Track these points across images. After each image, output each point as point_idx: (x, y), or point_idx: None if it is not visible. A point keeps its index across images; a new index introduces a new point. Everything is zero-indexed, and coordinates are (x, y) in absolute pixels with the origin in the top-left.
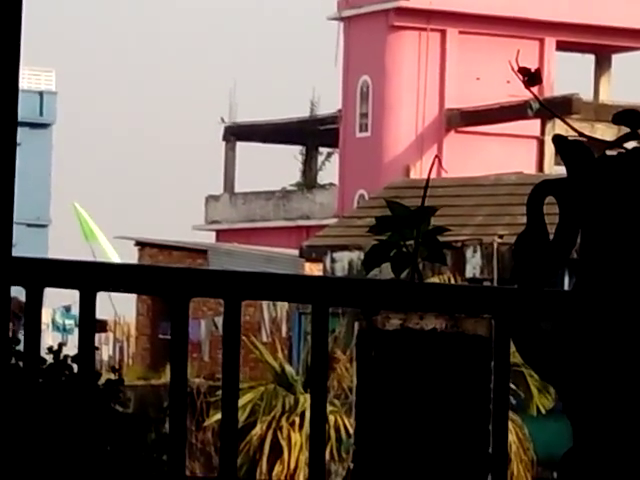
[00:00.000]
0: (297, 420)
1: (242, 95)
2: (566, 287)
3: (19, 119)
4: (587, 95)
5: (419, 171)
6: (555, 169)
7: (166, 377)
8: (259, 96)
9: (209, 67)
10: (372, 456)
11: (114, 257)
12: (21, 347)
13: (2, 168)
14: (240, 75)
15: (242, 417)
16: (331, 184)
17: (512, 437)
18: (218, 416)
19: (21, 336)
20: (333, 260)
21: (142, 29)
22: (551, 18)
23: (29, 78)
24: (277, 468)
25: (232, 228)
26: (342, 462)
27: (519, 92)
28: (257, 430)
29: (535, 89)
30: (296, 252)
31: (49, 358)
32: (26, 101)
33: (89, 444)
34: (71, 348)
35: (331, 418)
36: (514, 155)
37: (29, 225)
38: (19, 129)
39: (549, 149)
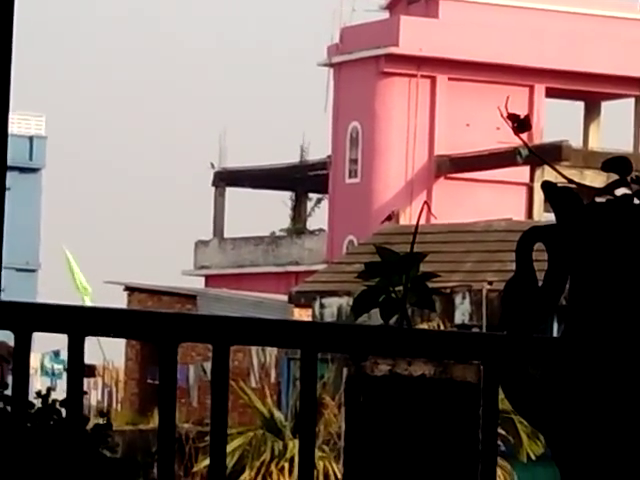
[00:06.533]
0: (286, 466)
1: (232, 140)
2: (555, 334)
3: (8, 163)
4: (576, 142)
5: (408, 217)
6: (544, 216)
7: (154, 422)
8: (249, 141)
9: (199, 112)
10: None
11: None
12: (9, 391)
13: None
14: (230, 120)
15: (231, 463)
16: (320, 230)
17: None
18: (207, 462)
19: (9, 380)
20: (322, 306)
21: (133, 73)
22: (541, 65)
23: (19, 123)
24: None
25: (221, 273)
26: None
27: (509, 139)
28: (246, 476)
29: (524, 136)
30: (285, 298)
31: (37, 402)
32: (15, 146)
33: None
34: (60, 393)
35: (320, 464)
36: (503, 202)
37: (18, 270)
38: (8, 173)
39: (538, 196)
